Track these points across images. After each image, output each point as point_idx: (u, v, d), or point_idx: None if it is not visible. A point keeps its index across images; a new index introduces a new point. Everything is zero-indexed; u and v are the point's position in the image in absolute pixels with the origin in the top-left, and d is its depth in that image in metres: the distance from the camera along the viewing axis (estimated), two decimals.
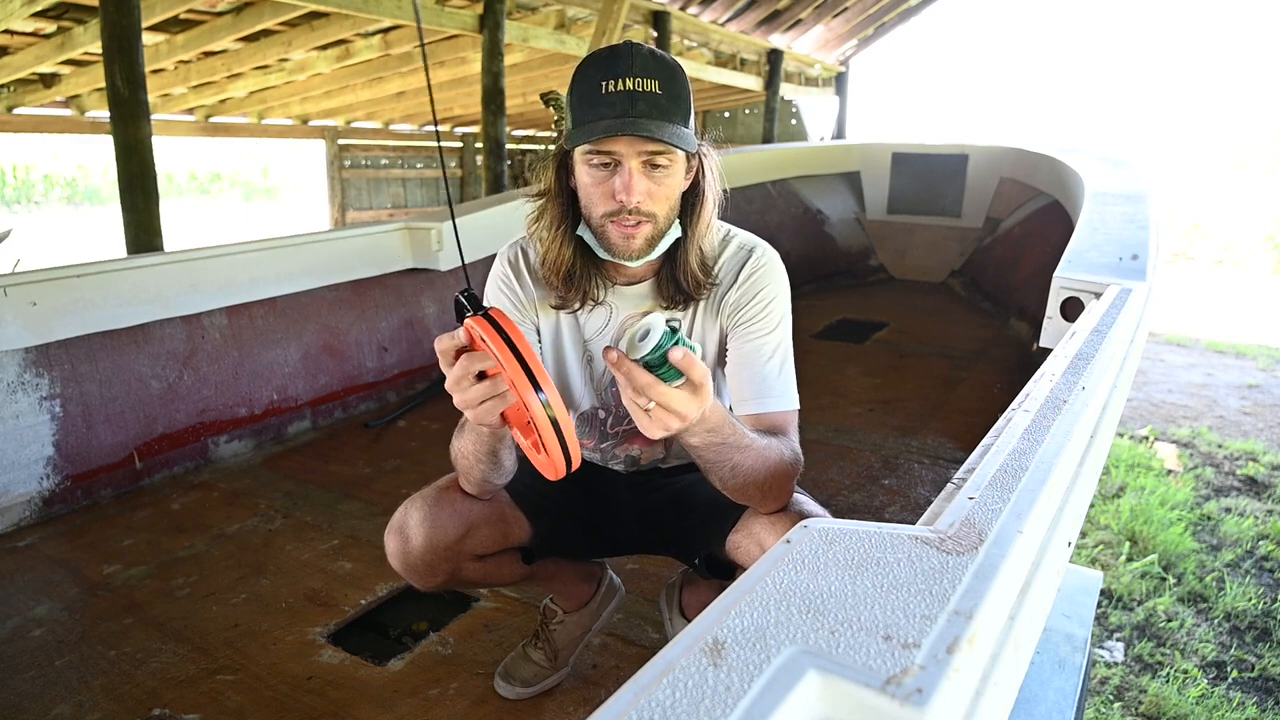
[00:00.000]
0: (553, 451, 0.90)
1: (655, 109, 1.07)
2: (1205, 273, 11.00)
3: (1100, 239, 2.12)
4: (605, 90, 1.07)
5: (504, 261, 1.29)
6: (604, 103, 1.07)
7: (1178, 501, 3.56)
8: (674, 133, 1.08)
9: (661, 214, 1.14)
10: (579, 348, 1.30)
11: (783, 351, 1.22)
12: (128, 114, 3.68)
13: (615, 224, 1.13)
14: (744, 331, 1.22)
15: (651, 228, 1.14)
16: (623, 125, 1.06)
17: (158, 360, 2.51)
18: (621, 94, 1.06)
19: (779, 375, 1.20)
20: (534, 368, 0.87)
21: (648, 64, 1.08)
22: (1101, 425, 1.04)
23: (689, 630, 0.51)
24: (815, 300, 4.75)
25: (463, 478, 1.23)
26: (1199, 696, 2.37)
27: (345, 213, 11.76)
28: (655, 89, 1.07)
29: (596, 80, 1.08)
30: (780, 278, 1.25)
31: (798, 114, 12.69)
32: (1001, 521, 0.66)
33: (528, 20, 6.96)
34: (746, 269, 1.24)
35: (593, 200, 1.14)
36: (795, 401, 1.22)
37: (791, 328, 1.25)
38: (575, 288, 1.22)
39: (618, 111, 1.07)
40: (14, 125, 8.03)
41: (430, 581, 1.26)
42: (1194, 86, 32.39)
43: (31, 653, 1.63)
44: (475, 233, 3.29)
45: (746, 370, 1.21)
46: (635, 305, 1.26)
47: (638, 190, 1.10)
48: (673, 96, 1.09)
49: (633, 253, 1.15)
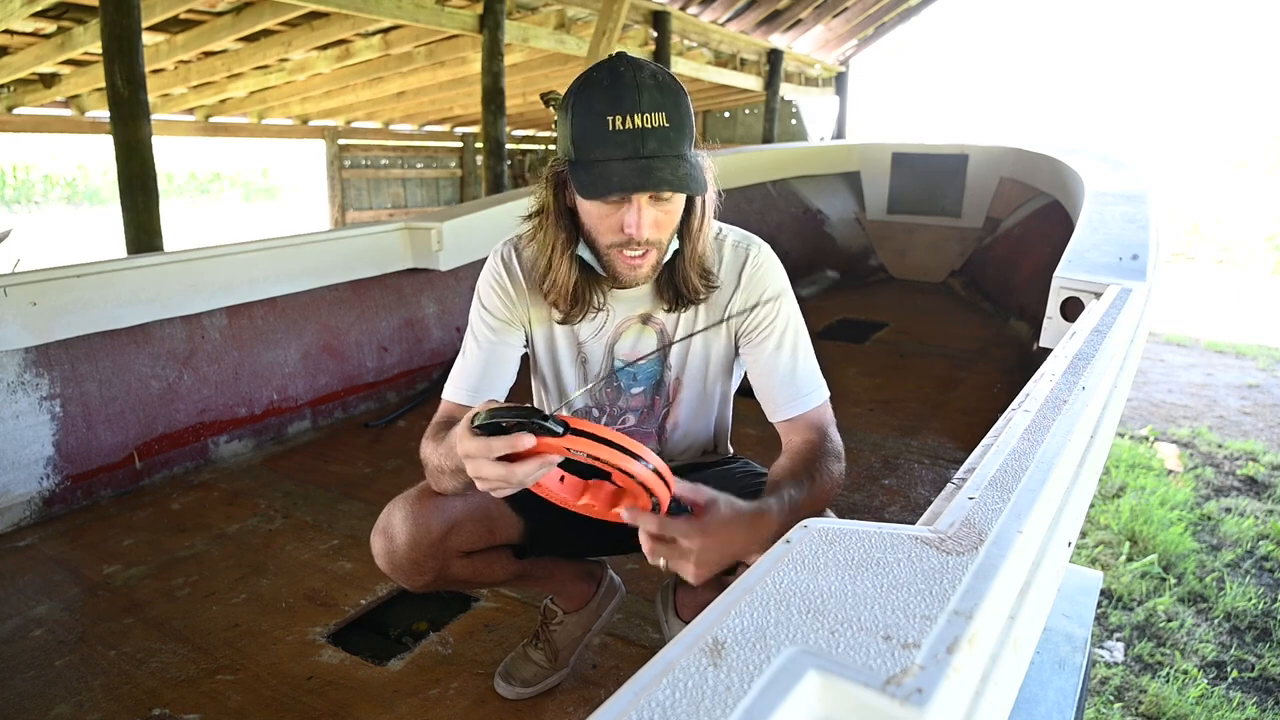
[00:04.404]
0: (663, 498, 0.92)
1: (665, 144, 1.05)
2: (1205, 273, 11.00)
3: (1100, 239, 2.12)
4: (612, 128, 1.03)
5: (497, 259, 1.29)
6: (612, 142, 1.04)
7: (1178, 501, 3.56)
8: (687, 175, 1.05)
9: (665, 239, 1.15)
10: (573, 349, 1.30)
11: (802, 347, 1.24)
12: (128, 114, 3.68)
13: (621, 255, 1.13)
14: (757, 338, 1.24)
15: (657, 254, 1.15)
16: (638, 176, 1.03)
17: (158, 360, 2.51)
18: (630, 132, 1.03)
19: (804, 373, 1.23)
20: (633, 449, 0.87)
21: (653, 95, 1.04)
22: (1101, 425, 1.04)
23: (689, 630, 0.51)
24: (815, 300, 4.75)
25: (430, 481, 1.22)
26: (1199, 696, 2.37)
27: (345, 213, 11.75)
28: (663, 121, 1.04)
29: (602, 115, 1.03)
30: (778, 273, 1.26)
31: (798, 114, 12.68)
32: (1001, 521, 0.66)
33: (528, 20, 6.96)
34: (746, 272, 1.24)
35: (598, 230, 1.13)
36: (825, 391, 1.25)
37: (800, 315, 1.27)
38: (580, 304, 1.22)
39: (627, 152, 1.04)
40: (14, 125, 8.03)
41: (418, 580, 1.26)
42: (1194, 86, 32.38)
43: (31, 653, 1.63)
44: (475, 234, 3.30)
45: (773, 378, 1.23)
46: (632, 308, 1.26)
47: (646, 225, 1.09)
48: (679, 125, 1.06)
49: (639, 280, 1.16)
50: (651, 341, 1.29)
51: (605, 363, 1.30)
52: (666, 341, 1.29)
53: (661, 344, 1.29)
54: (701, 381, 1.32)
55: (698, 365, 1.31)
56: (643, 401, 1.34)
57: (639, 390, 1.32)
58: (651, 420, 1.35)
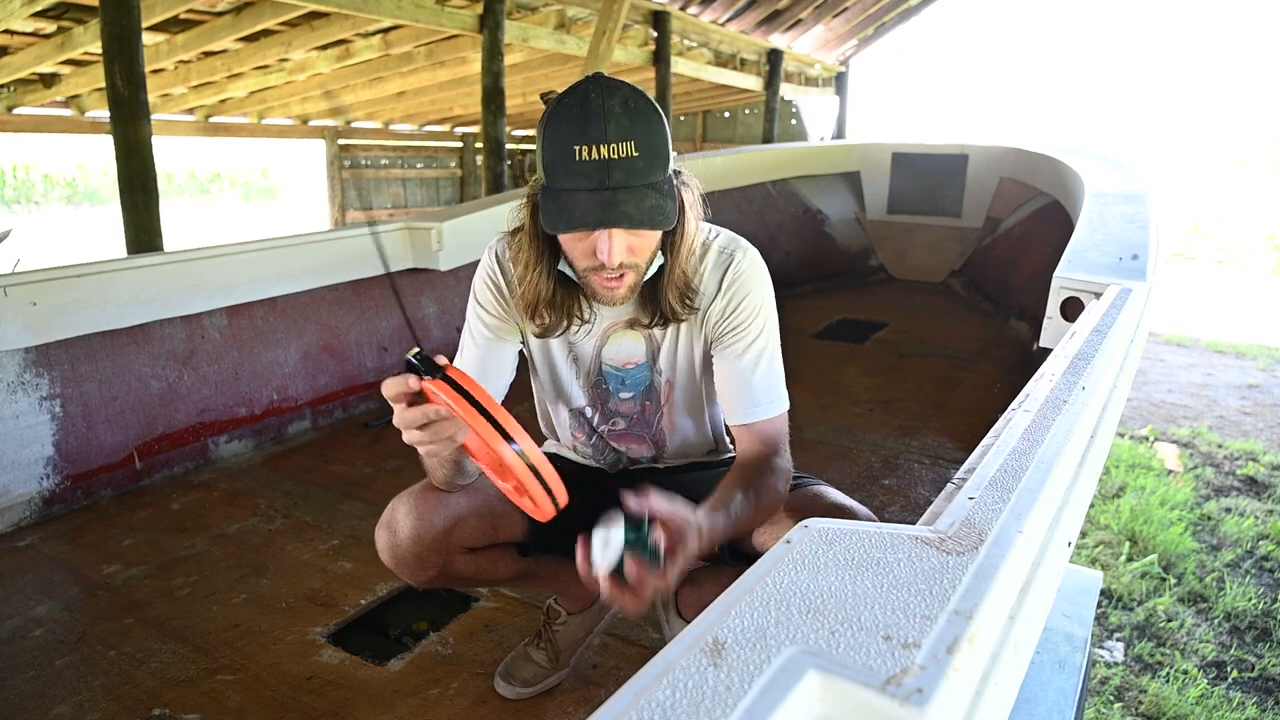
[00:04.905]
0: (538, 498, 0.90)
1: (632, 175, 1.02)
2: (1205, 273, 11.00)
3: (1100, 239, 2.12)
4: (579, 157, 1.00)
5: (491, 257, 1.28)
6: (578, 172, 1.01)
7: (1178, 501, 3.56)
8: (653, 209, 1.03)
9: (644, 261, 1.13)
10: (566, 348, 1.31)
11: (768, 357, 1.22)
12: (128, 114, 3.68)
13: (597, 278, 1.12)
14: (728, 340, 1.22)
15: (635, 275, 1.13)
16: (600, 210, 1.01)
17: (158, 360, 2.51)
18: (596, 163, 1.00)
19: (766, 384, 1.21)
20: (503, 421, 0.85)
21: (621, 124, 1.00)
22: (1101, 425, 1.04)
23: (689, 630, 0.51)
24: (815, 300, 4.75)
25: (429, 475, 1.23)
26: (1199, 696, 2.37)
27: (345, 213, 11.76)
28: (631, 151, 1.01)
29: (569, 144, 1.01)
30: (762, 280, 1.24)
31: (798, 114, 12.69)
32: (1001, 521, 0.66)
33: (528, 20, 6.96)
34: (728, 277, 1.23)
35: (573, 254, 1.13)
36: (784, 403, 1.24)
37: (777, 325, 1.26)
38: (558, 314, 1.21)
39: (593, 183, 1.01)
40: (14, 125, 8.03)
41: (421, 575, 1.26)
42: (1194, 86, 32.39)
43: (31, 653, 1.63)
44: (475, 234, 3.30)
45: (734, 382, 1.22)
46: (619, 315, 1.26)
47: (618, 252, 1.07)
48: (649, 153, 1.03)
49: (617, 300, 1.15)
50: (639, 346, 1.29)
51: (593, 364, 1.31)
52: (654, 345, 1.28)
53: (650, 348, 1.29)
54: (692, 383, 1.32)
55: (686, 368, 1.30)
56: (633, 407, 1.34)
57: (628, 395, 1.32)
58: (643, 425, 1.35)
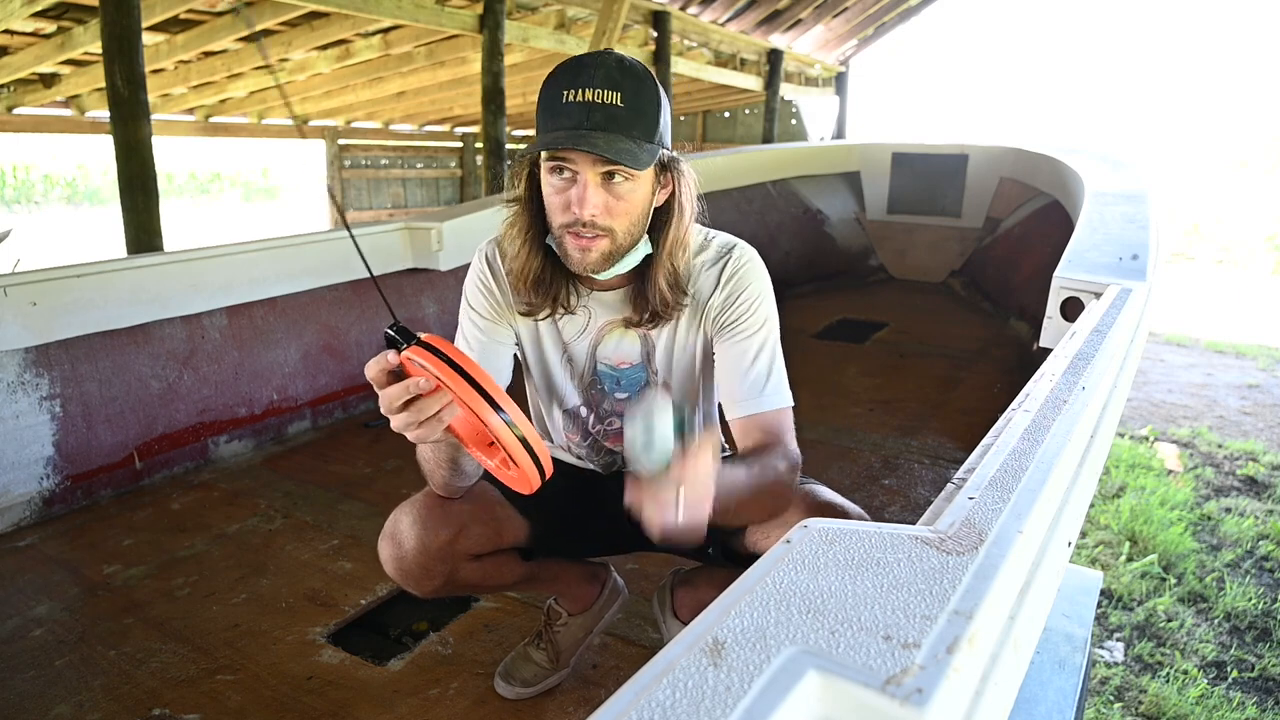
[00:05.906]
0: (525, 466, 0.89)
1: (612, 122, 1.04)
2: (1205, 273, 11.00)
3: (1100, 239, 2.12)
4: (565, 100, 1.05)
5: (481, 259, 1.28)
6: (562, 112, 1.05)
7: (1178, 501, 3.56)
8: (623, 150, 1.03)
9: (621, 229, 1.11)
10: (559, 349, 1.30)
11: (770, 350, 1.21)
12: (128, 114, 3.68)
13: (572, 235, 1.10)
14: (730, 333, 1.21)
15: (609, 242, 1.11)
16: (573, 139, 1.03)
17: (158, 360, 2.51)
18: (579, 105, 1.04)
19: (769, 375, 1.19)
20: (488, 388, 0.85)
21: (611, 74, 1.05)
22: (1101, 425, 1.04)
23: (689, 630, 0.51)
24: (815, 300, 4.75)
25: (428, 481, 1.22)
26: (1199, 696, 2.37)
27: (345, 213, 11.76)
28: (616, 101, 1.04)
29: (559, 89, 1.06)
30: (762, 275, 1.23)
31: (798, 114, 12.69)
32: (1001, 521, 0.66)
33: (528, 20, 6.96)
34: (727, 270, 1.22)
35: (553, 210, 1.12)
36: (788, 399, 1.21)
37: (778, 324, 1.24)
38: (544, 295, 1.20)
39: (574, 122, 1.04)
40: (14, 125, 8.03)
41: (427, 585, 1.25)
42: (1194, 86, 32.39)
43: (31, 653, 1.63)
44: (475, 234, 3.29)
45: (736, 373, 1.20)
46: (612, 312, 1.24)
47: (591, 203, 1.07)
48: (636, 110, 1.05)
49: (589, 266, 1.12)
50: (634, 345, 1.27)
51: (587, 364, 1.30)
52: (649, 346, 1.27)
53: (644, 348, 1.27)
54: (689, 385, 1.31)
55: (682, 369, 1.29)
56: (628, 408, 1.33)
57: (624, 396, 1.31)
58: None
